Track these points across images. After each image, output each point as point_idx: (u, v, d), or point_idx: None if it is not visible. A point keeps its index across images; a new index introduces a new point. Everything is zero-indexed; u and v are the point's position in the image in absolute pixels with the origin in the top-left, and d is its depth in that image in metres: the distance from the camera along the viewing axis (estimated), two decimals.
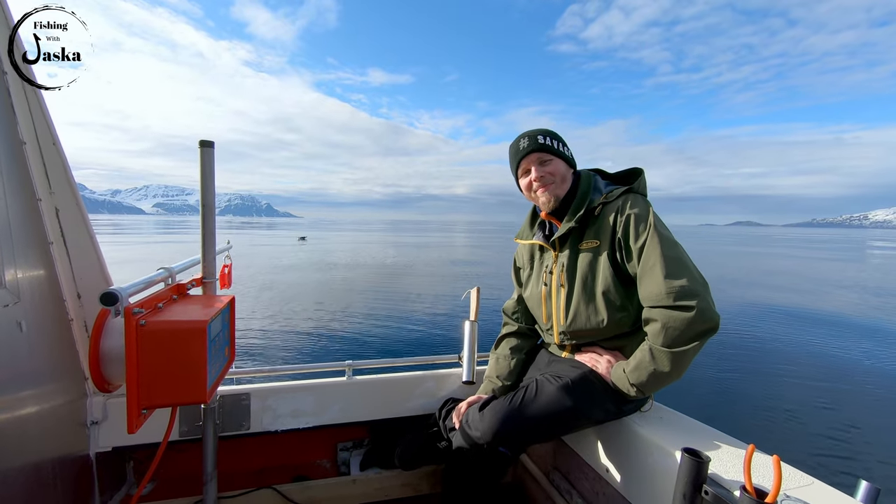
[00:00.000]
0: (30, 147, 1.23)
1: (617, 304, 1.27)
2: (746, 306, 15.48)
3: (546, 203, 1.40)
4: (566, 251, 1.37)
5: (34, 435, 1.14)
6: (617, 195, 1.30)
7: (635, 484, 1.23)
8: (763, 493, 0.81)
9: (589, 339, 1.37)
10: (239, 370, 1.68)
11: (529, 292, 1.52)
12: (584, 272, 1.31)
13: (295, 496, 1.60)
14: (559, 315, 1.38)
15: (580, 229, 1.36)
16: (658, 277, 1.15)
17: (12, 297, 1.07)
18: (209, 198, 1.25)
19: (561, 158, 1.39)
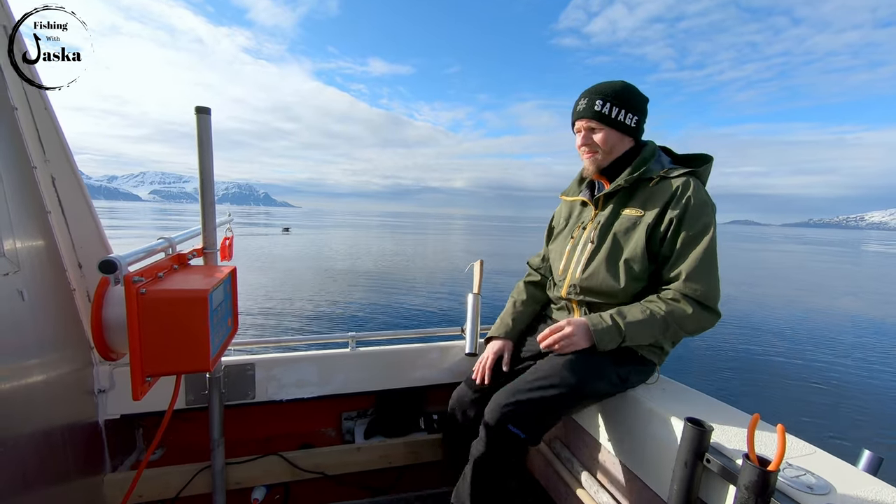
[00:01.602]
0: (21, 113, 1.19)
1: (636, 274, 1.27)
2: (752, 291, 15.49)
3: (587, 169, 1.40)
4: (607, 211, 1.35)
5: (42, 402, 1.16)
6: (680, 173, 1.28)
7: (637, 453, 1.24)
8: (766, 461, 0.81)
9: (594, 300, 1.35)
10: (244, 341, 1.70)
11: (556, 244, 1.51)
12: (618, 235, 1.30)
13: (301, 462, 1.64)
14: (577, 268, 1.37)
15: (628, 193, 1.33)
16: (699, 271, 1.19)
17: (12, 266, 1.06)
18: (207, 166, 1.22)
19: (614, 128, 1.32)
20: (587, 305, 1.38)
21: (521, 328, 1.57)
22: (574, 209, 1.52)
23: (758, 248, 44.20)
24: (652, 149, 1.36)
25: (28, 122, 1.22)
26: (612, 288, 1.28)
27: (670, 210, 1.23)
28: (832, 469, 0.90)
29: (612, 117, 1.31)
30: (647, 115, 1.37)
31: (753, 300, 13.81)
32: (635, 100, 1.32)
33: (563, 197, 1.57)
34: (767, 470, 0.79)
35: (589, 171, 1.41)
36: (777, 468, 0.78)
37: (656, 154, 1.36)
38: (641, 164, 1.31)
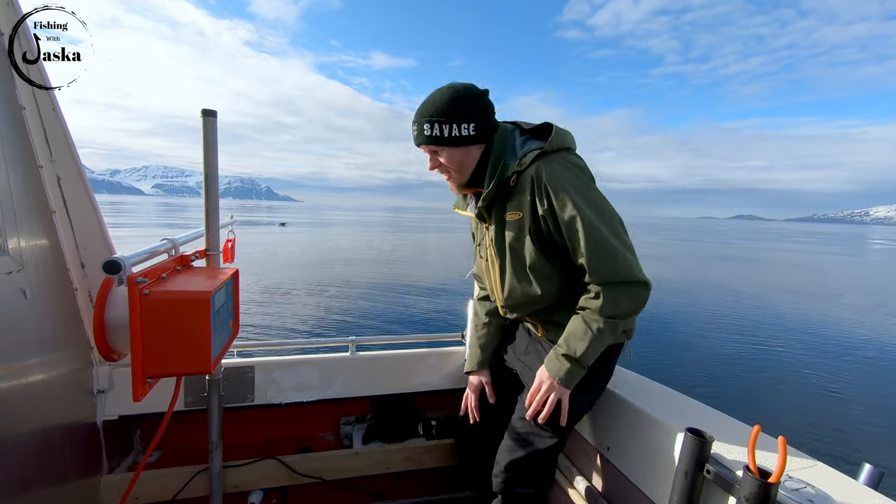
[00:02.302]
0: (29, 112, 1.20)
1: (545, 275, 1.23)
2: (754, 297, 15.48)
3: (452, 190, 1.33)
4: (493, 224, 1.28)
5: (42, 402, 1.16)
6: (529, 161, 1.17)
7: (637, 463, 1.24)
8: (767, 473, 0.81)
9: (530, 310, 1.33)
10: (244, 343, 1.69)
11: (477, 265, 1.47)
12: (511, 246, 1.25)
13: (299, 467, 1.63)
14: (497, 289, 1.35)
15: (503, 198, 1.24)
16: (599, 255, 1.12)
17: (16, 265, 1.06)
18: (212, 169, 1.23)
19: (454, 146, 1.20)
20: (525, 314, 1.36)
21: (493, 348, 1.54)
22: (474, 222, 1.44)
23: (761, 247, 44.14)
24: (501, 138, 1.24)
25: (35, 122, 1.23)
26: (534, 296, 1.25)
27: (538, 206, 1.15)
28: (833, 482, 0.89)
29: (447, 136, 1.19)
30: (489, 108, 1.23)
31: (756, 306, 13.80)
32: (465, 106, 1.19)
33: (457, 210, 1.47)
34: (768, 482, 0.79)
35: (455, 191, 1.34)
36: (778, 480, 0.78)
37: (507, 142, 1.24)
38: (495, 168, 1.21)
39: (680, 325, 11.19)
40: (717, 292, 15.68)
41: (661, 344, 9.41)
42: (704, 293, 15.41)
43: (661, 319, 11.45)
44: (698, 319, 11.74)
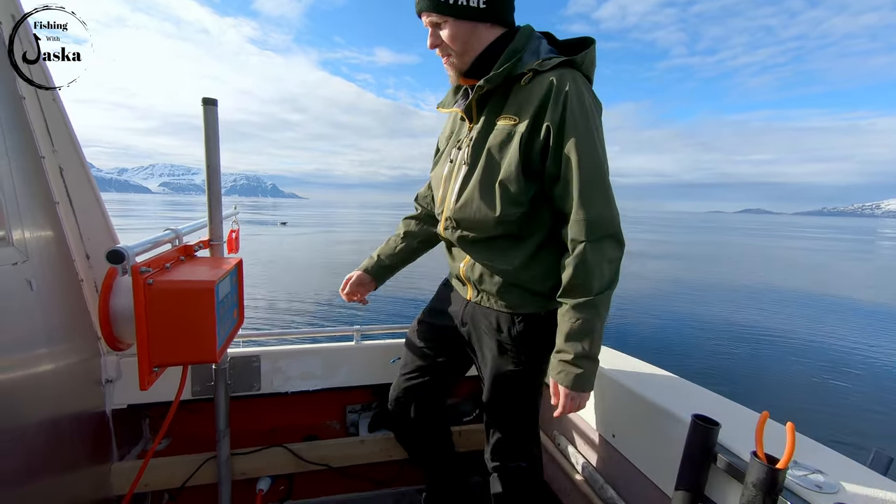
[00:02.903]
0: (30, 103, 1.19)
1: (513, 198, 1.06)
2: (761, 286, 15.39)
3: (450, 77, 1.16)
4: (480, 122, 1.12)
5: (50, 392, 1.17)
6: (553, 65, 1.02)
7: (643, 449, 1.24)
8: (774, 459, 0.80)
9: (473, 235, 1.15)
10: (249, 333, 1.70)
11: (435, 171, 1.29)
12: (492, 152, 1.07)
13: (305, 454, 1.65)
14: (451, 199, 1.16)
15: (503, 97, 1.09)
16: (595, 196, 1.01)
17: (21, 256, 1.06)
18: (213, 158, 1.22)
19: (460, 17, 1.03)
20: (468, 244, 1.18)
21: (386, 263, 1.45)
22: (455, 124, 1.27)
23: (770, 244, 43.75)
24: (526, 35, 1.09)
25: (36, 113, 1.22)
26: (486, 217, 1.09)
27: (548, 114, 1.00)
28: (841, 468, 0.89)
29: (452, 2, 1.01)
30: None
31: (763, 295, 13.72)
32: None
33: (440, 109, 1.29)
34: (776, 468, 0.78)
35: (452, 79, 1.16)
36: (786, 466, 0.78)
37: (531, 42, 1.10)
38: (510, 57, 1.05)
39: (687, 313, 11.16)
40: (726, 284, 15.60)
41: (667, 332, 9.39)
42: (714, 284, 15.34)
43: (670, 309, 11.42)
44: (707, 309, 11.70)
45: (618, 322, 10.07)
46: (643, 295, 13.17)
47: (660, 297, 13.04)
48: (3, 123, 1.07)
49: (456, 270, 1.27)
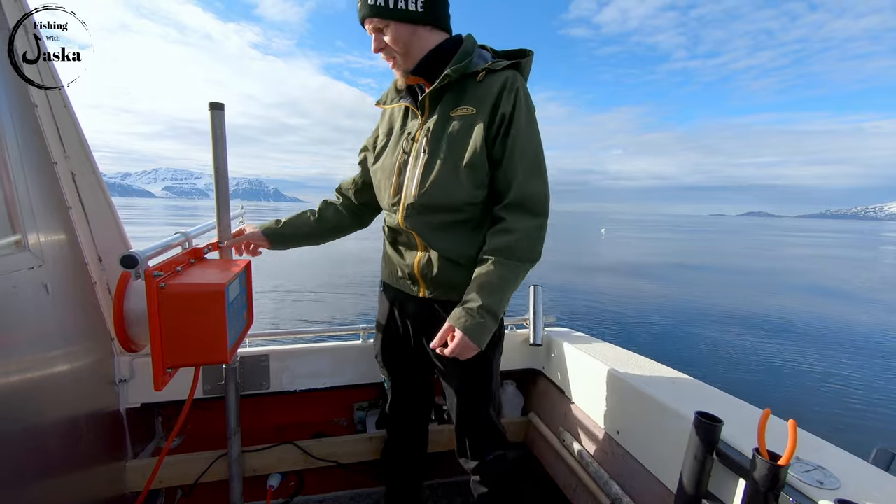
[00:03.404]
0: (42, 110, 1.22)
1: (478, 181, 1.14)
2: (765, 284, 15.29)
3: (398, 79, 1.24)
4: (435, 116, 1.18)
5: (67, 392, 1.20)
6: (502, 66, 1.15)
7: (647, 446, 1.25)
8: (777, 455, 0.81)
9: (437, 220, 1.18)
10: (258, 333, 1.73)
11: (381, 163, 1.30)
12: (453, 139, 1.14)
13: (314, 451, 1.68)
14: (412, 185, 1.18)
15: (457, 93, 1.17)
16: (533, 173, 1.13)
17: (36, 260, 1.09)
18: (221, 162, 1.24)
19: (401, 20, 1.10)
20: (430, 230, 1.20)
21: (286, 233, 1.43)
22: (396, 120, 1.32)
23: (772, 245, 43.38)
24: (472, 42, 1.20)
25: (48, 120, 1.25)
26: (453, 199, 1.14)
27: (503, 107, 1.11)
28: (843, 464, 0.90)
29: (391, 7, 1.08)
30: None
31: (766, 293, 13.66)
32: None
33: (383, 106, 1.35)
34: (778, 464, 0.79)
35: (399, 81, 1.24)
36: (788, 463, 0.79)
37: (476, 48, 1.20)
38: (464, 57, 1.15)
39: (691, 311, 11.13)
40: (729, 282, 15.52)
41: (671, 329, 9.38)
42: (717, 282, 15.27)
43: (673, 306, 11.39)
44: (710, 307, 11.66)
45: (622, 320, 10.06)
46: (646, 293, 13.16)
47: (662, 294, 13.02)
48: (16, 131, 1.10)
49: (407, 269, 1.26)
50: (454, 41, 1.19)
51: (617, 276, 16.65)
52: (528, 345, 1.86)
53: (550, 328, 1.93)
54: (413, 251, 1.24)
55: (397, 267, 1.31)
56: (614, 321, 10.00)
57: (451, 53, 1.16)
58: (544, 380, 1.89)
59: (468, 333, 1.07)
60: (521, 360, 1.93)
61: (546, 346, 1.85)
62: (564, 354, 1.72)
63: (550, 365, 1.84)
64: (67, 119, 1.27)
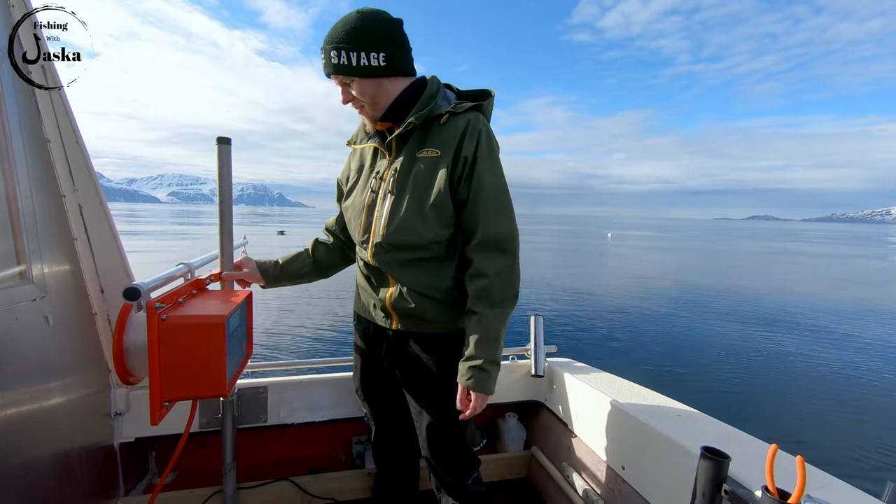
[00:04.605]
0: (54, 145, 1.26)
1: (444, 221, 1.17)
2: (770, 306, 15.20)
3: (366, 124, 1.28)
4: (402, 157, 1.22)
5: (61, 424, 1.18)
6: (465, 108, 1.19)
7: (653, 482, 1.22)
8: (786, 494, 0.79)
9: (404, 257, 1.22)
10: (256, 364, 1.71)
11: (352, 201, 1.33)
12: (419, 181, 1.18)
13: (311, 488, 1.63)
14: (380, 224, 1.22)
15: (422, 135, 1.21)
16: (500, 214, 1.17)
17: (39, 292, 1.10)
18: (226, 195, 1.27)
19: (364, 76, 1.14)
20: (398, 267, 1.23)
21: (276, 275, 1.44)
22: (366, 159, 1.35)
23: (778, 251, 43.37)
24: (436, 85, 1.24)
25: (59, 153, 1.28)
26: (420, 239, 1.17)
27: (465, 148, 1.15)
28: (855, 502, 0.87)
29: (355, 65, 1.13)
30: (402, 38, 1.19)
31: (768, 313, 13.50)
32: (375, 34, 1.12)
33: (353, 146, 1.40)
34: (787, 503, 0.77)
35: (369, 126, 1.28)
36: (798, 501, 0.77)
37: (440, 90, 1.25)
38: (428, 101, 1.19)
39: (694, 338, 11.00)
40: (732, 301, 15.41)
41: (673, 359, 9.24)
42: (720, 303, 15.15)
43: (676, 333, 11.27)
44: (713, 333, 11.53)
45: (625, 350, 9.93)
46: (648, 319, 13.04)
47: (665, 321, 12.90)
48: (28, 166, 1.13)
49: (379, 303, 1.28)
50: (419, 83, 1.23)
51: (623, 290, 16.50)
52: (529, 376, 1.83)
53: (552, 358, 1.91)
54: (385, 286, 1.27)
55: (370, 300, 1.33)
56: (618, 350, 9.87)
57: (417, 96, 1.21)
58: (547, 412, 1.86)
59: (481, 389, 1.15)
60: (522, 392, 1.90)
61: (548, 377, 1.83)
62: (566, 385, 1.70)
63: (553, 397, 1.81)
64: (78, 153, 1.31)
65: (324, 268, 1.51)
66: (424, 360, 1.26)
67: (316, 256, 1.50)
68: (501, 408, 1.96)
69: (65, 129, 1.27)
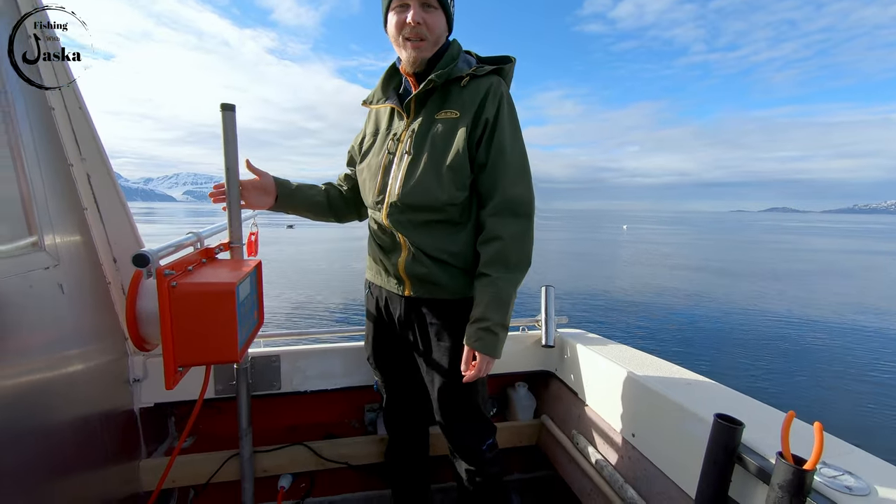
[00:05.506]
0: (58, 113, 1.24)
1: (459, 182, 1.16)
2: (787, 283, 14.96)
3: (410, 62, 1.20)
4: (420, 118, 1.21)
5: (82, 391, 1.21)
6: (486, 72, 1.18)
7: (664, 449, 1.22)
8: (802, 460, 0.78)
9: (419, 219, 1.20)
10: (269, 333, 1.74)
11: (367, 163, 1.32)
12: (436, 142, 1.17)
13: (325, 452, 1.67)
14: (396, 185, 1.20)
15: (441, 97, 1.20)
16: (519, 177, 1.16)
17: (52, 261, 1.11)
18: (232, 161, 1.25)
19: (445, 12, 1.16)
20: (413, 228, 1.21)
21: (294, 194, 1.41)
22: (381, 120, 1.33)
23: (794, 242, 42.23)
24: (458, 48, 1.23)
25: (64, 122, 1.27)
26: (435, 200, 1.16)
27: (486, 111, 1.14)
28: (873, 469, 0.86)
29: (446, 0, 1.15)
30: None
31: (788, 291, 13.32)
32: None
33: (369, 105, 1.36)
34: (803, 469, 0.76)
35: (411, 63, 1.19)
36: (813, 467, 0.75)
37: (461, 52, 1.24)
38: (450, 62, 1.19)
39: (708, 311, 10.92)
40: (749, 280, 15.19)
41: (688, 331, 9.20)
42: (736, 281, 14.96)
43: (690, 307, 11.19)
44: (728, 307, 11.42)
45: (638, 321, 9.91)
46: (663, 294, 12.93)
47: (680, 295, 12.78)
48: (34, 134, 1.12)
49: (392, 268, 1.28)
50: (445, 46, 1.23)
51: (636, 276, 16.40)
52: (540, 346, 1.83)
53: (563, 329, 1.90)
54: (397, 251, 1.26)
55: (382, 267, 1.33)
56: (630, 322, 9.85)
57: (439, 58, 1.21)
58: (557, 382, 1.86)
59: (488, 351, 1.14)
60: (533, 362, 1.90)
61: (559, 347, 1.83)
62: (578, 356, 1.69)
63: (563, 366, 1.81)
64: (83, 121, 1.29)
65: (335, 208, 1.49)
66: (437, 326, 1.26)
67: (330, 194, 1.49)
68: (512, 377, 1.97)
69: (68, 96, 1.25)
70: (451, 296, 1.24)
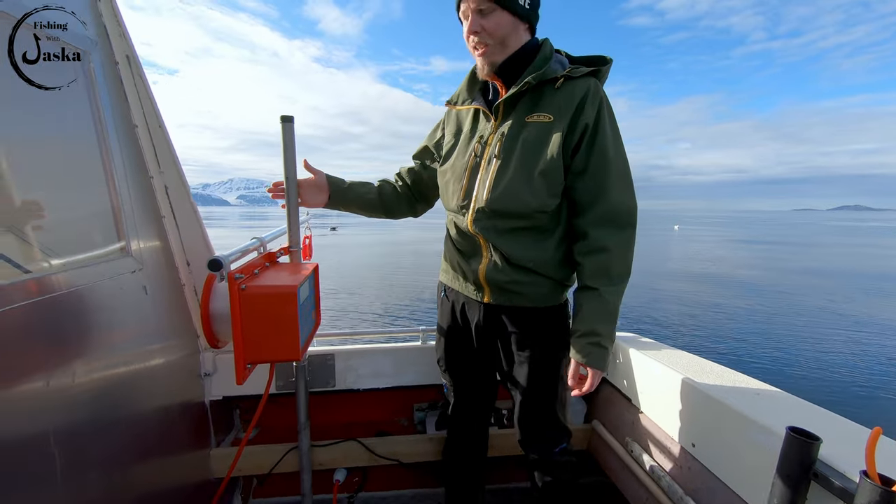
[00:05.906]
0: (141, 130, 1.37)
1: (552, 189, 1.11)
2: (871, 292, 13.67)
3: (481, 69, 1.16)
4: (510, 121, 1.15)
5: (161, 384, 1.33)
6: (582, 74, 1.11)
7: (728, 461, 1.16)
8: (889, 480, 0.72)
9: (506, 225, 1.16)
10: (325, 333, 1.82)
11: (451, 164, 1.27)
12: (528, 146, 1.11)
13: (378, 449, 1.73)
14: (483, 190, 1.16)
15: (533, 99, 1.14)
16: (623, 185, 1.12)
17: (138, 265, 1.23)
18: (291, 171, 1.32)
19: (507, 9, 1.06)
20: (498, 235, 1.17)
21: (346, 194, 1.41)
22: (464, 122, 1.28)
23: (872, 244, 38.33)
24: (550, 47, 1.15)
25: (146, 138, 1.39)
26: (525, 206, 1.12)
27: (584, 115, 1.08)
28: None
29: None
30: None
31: (871, 301, 12.12)
32: None
33: (453, 106, 1.31)
34: (892, 490, 0.70)
35: (483, 71, 1.15)
36: None
37: (553, 52, 1.16)
38: (543, 62, 1.11)
39: (781, 322, 10.16)
40: (824, 288, 13.98)
41: (755, 340, 8.61)
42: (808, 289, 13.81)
43: (759, 317, 10.47)
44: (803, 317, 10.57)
45: (701, 329, 9.39)
46: (728, 303, 12.16)
47: (748, 301, 11.98)
48: (121, 150, 1.24)
49: (472, 275, 1.26)
50: (534, 44, 1.16)
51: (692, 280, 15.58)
52: None
53: None
54: (478, 256, 1.23)
55: (461, 271, 1.30)
56: (686, 325, 9.36)
57: (531, 57, 1.13)
58: (609, 387, 1.81)
59: (598, 365, 1.12)
60: None
61: (611, 351, 1.78)
62: (631, 360, 1.64)
63: (616, 371, 1.76)
64: (162, 137, 1.41)
65: (387, 205, 1.48)
66: (518, 334, 1.24)
67: (382, 191, 1.48)
68: None
69: (149, 114, 1.38)
70: (533, 304, 1.22)
